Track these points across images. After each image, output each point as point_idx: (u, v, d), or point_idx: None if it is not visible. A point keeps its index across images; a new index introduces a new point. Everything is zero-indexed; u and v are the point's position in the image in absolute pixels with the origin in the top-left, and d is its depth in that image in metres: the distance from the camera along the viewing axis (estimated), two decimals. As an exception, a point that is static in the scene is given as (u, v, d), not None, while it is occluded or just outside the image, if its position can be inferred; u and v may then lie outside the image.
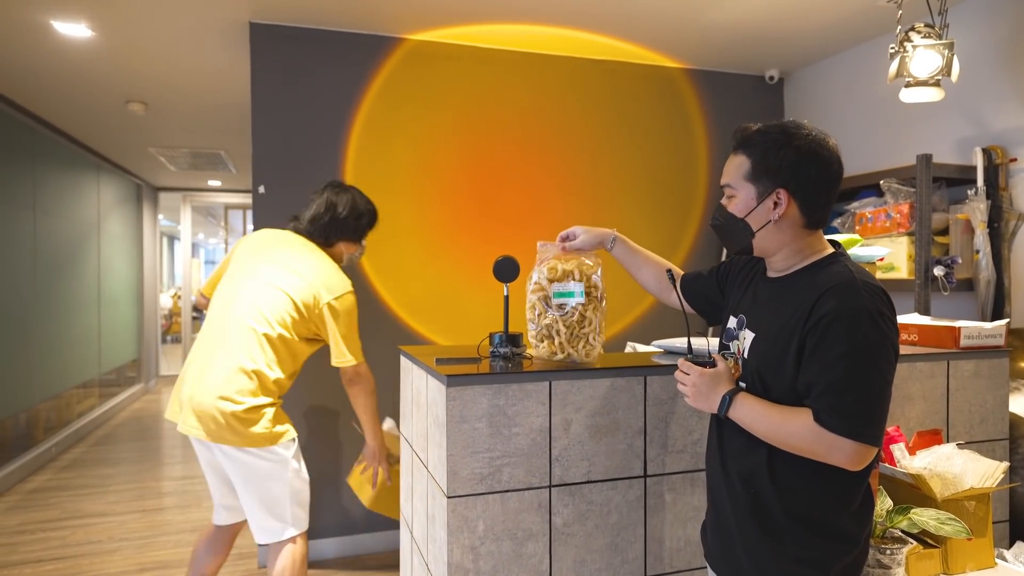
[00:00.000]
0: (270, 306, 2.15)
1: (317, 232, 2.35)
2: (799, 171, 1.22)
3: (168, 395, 7.62)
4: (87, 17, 2.99)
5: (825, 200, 1.25)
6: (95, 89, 4.10)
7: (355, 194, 2.43)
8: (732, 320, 1.38)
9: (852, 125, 3.47)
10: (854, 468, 1.14)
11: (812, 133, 1.24)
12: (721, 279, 1.52)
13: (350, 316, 2.26)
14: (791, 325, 1.19)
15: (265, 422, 2.10)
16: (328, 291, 2.23)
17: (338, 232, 2.37)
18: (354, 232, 2.41)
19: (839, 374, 1.12)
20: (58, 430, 5.19)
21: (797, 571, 1.21)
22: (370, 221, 2.46)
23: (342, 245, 2.41)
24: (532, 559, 1.55)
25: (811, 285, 1.20)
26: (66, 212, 5.41)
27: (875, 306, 1.14)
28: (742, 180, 1.28)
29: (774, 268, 1.33)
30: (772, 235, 1.26)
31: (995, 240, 2.70)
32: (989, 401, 2.02)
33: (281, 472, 2.14)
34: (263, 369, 2.11)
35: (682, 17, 3.04)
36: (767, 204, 1.24)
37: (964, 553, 1.65)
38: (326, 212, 2.34)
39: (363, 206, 2.42)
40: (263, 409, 2.11)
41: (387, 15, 3.00)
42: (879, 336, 1.13)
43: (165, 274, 12.28)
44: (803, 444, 1.16)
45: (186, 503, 3.94)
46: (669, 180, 3.67)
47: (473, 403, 1.50)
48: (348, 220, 2.37)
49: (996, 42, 2.77)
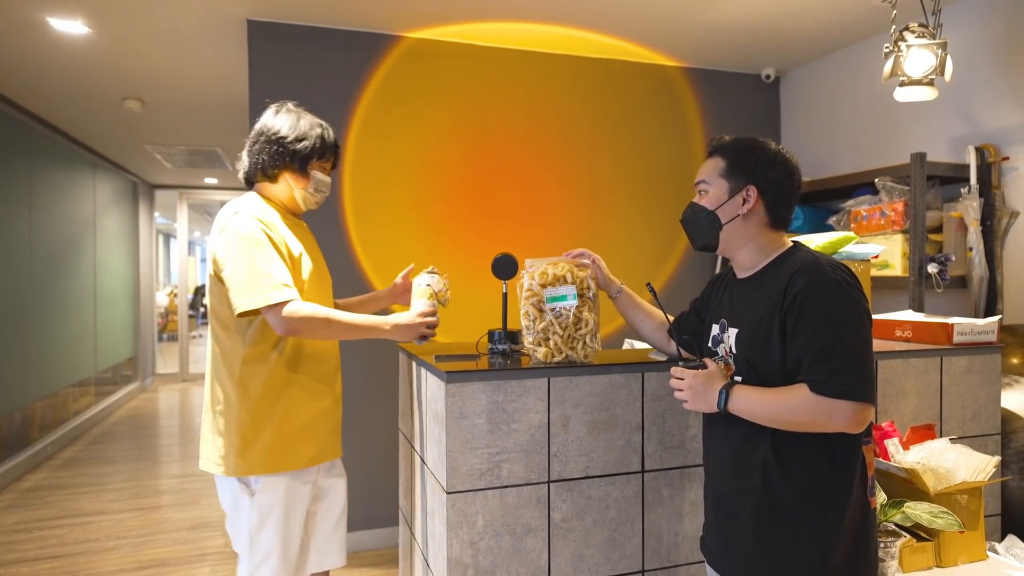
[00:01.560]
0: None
1: (253, 167, 1.78)
2: (769, 172, 1.34)
3: (166, 393, 7.61)
4: (84, 14, 2.98)
5: (788, 203, 1.37)
6: (91, 86, 4.09)
7: (301, 112, 1.81)
8: (715, 327, 1.43)
9: (847, 123, 3.49)
10: (856, 430, 1.21)
11: (780, 146, 1.39)
12: (700, 310, 1.57)
13: (242, 238, 1.63)
14: (769, 310, 1.27)
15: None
16: (216, 232, 1.70)
17: (277, 160, 1.74)
18: (293, 157, 1.74)
19: (824, 343, 1.19)
20: (54, 428, 5.18)
21: (807, 555, 1.24)
22: (323, 145, 1.79)
23: (287, 177, 1.77)
24: (531, 554, 1.56)
25: (780, 272, 1.30)
26: (62, 210, 5.40)
27: (840, 276, 1.24)
28: (717, 176, 1.38)
29: (742, 267, 1.40)
30: (738, 230, 1.36)
31: (988, 238, 2.73)
32: (981, 397, 2.04)
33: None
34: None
35: (679, 16, 3.05)
36: (737, 199, 1.35)
37: (956, 546, 1.67)
38: (259, 135, 1.77)
39: (309, 124, 1.78)
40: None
41: (385, 13, 3.01)
42: (850, 301, 1.22)
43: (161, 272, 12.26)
44: (805, 417, 1.21)
45: (183, 501, 3.94)
46: (666, 178, 3.69)
47: (472, 399, 1.52)
48: (287, 141, 1.73)
49: (989, 42, 2.79)
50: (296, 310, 1.60)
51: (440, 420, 1.55)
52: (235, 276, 1.61)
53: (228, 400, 1.69)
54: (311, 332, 1.65)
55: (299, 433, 1.73)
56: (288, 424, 1.71)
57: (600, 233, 3.58)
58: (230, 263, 1.62)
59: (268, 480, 1.69)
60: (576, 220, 3.55)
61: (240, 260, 1.61)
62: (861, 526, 1.28)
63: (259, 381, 1.68)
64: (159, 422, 6.18)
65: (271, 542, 1.70)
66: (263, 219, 1.68)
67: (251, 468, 1.68)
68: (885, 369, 1.91)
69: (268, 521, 1.70)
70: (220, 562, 3.11)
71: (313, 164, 1.78)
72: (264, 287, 1.59)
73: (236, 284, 1.60)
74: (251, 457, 1.67)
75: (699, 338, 1.53)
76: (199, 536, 3.41)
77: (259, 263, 1.61)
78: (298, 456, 1.72)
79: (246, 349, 1.68)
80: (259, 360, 1.69)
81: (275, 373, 1.70)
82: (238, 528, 1.73)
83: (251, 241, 1.63)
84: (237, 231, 1.64)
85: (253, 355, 1.68)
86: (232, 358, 1.69)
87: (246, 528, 1.70)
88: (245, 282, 1.59)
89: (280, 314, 1.59)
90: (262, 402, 1.68)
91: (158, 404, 7.04)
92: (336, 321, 1.66)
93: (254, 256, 1.61)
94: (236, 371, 1.68)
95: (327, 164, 1.84)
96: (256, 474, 1.69)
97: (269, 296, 1.58)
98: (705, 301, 1.55)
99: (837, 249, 2.03)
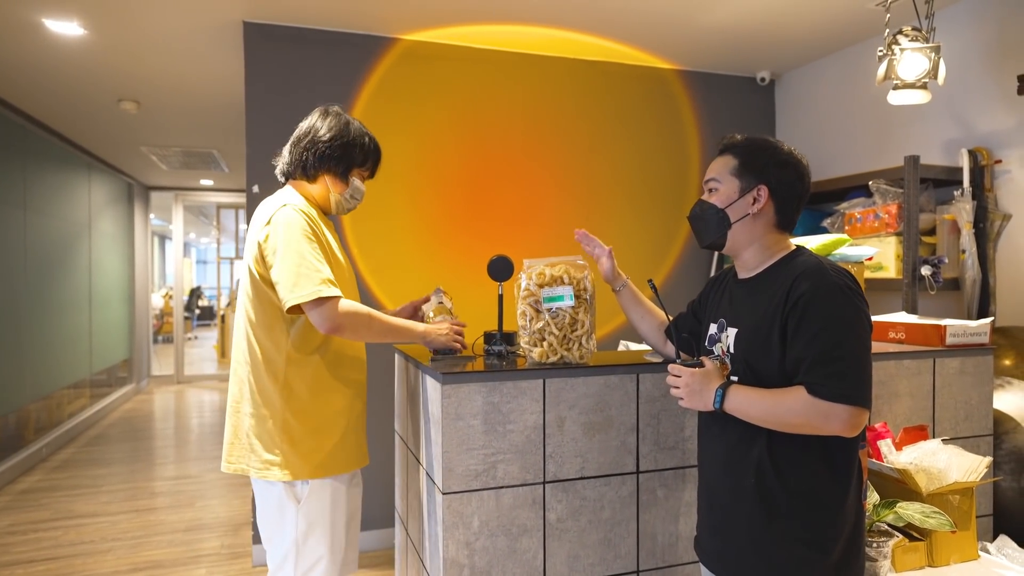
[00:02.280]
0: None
1: (294, 164, 1.77)
2: (781, 173, 1.34)
3: (162, 395, 7.59)
4: (79, 15, 2.98)
5: (796, 205, 1.37)
6: (87, 87, 4.09)
7: (350, 119, 1.82)
8: (712, 326, 1.44)
9: (841, 126, 3.51)
10: (851, 434, 1.21)
11: (791, 147, 1.39)
12: (697, 311, 1.58)
13: (291, 231, 1.61)
14: (771, 311, 1.27)
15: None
16: (261, 225, 1.67)
17: (320, 162, 1.75)
18: (338, 162, 1.75)
19: (824, 346, 1.20)
20: (49, 431, 5.16)
21: (803, 553, 1.25)
22: (365, 153, 1.81)
23: (327, 179, 1.77)
24: (526, 554, 1.57)
25: (783, 274, 1.31)
26: (57, 211, 5.39)
27: (844, 282, 1.24)
28: (728, 175, 1.37)
29: (745, 267, 1.40)
30: (747, 229, 1.36)
31: (981, 240, 2.75)
32: (974, 398, 2.06)
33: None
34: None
35: (675, 19, 3.07)
36: (747, 199, 1.35)
37: (948, 546, 1.68)
38: (307, 135, 1.77)
39: (357, 132, 1.80)
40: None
41: (381, 15, 3.02)
42: (853, 307, 1.23)
43: (157, 274, 12.22)
44: (800, 419, 1.21)
45: (179, 503, 3.93)
46: (662, 180, 3.70)
47: (468, 400, 1.52)
48: (334, 145, 1.74)
49: (982, 45, 2.81)
50: (343, 306, 1.60)
51: (436, 421, 1.56)
52: (285, 270, 1.58)
53: (270, 402, 1.66)
54: (354, 330, 1.62)
55: (345, 437, 1.72)
56: (336, 428, 1.71)
57: (596, 234, 3.50)
58: (280, 256, 1.59)
59: (317, 484, 1.67)
60: (573, 222, 3.55)
61: (290, 253, 1.59)
62: (855, 527, 1.29)
63: (304, 383, 1.67)
64: (154, 424, 6.16)
65: (321, 548, 1.68)
66: (308, 214, 1.67)
67: (299, 472, 1.65)
68: (878, 370, 1.92)
69: (316, 527, 1.67)
70: (215, 564, 3.11)
71: (354, 171, 1.80)
72: (315, 280, 1.57)
73: (286, 278, 1.57)
74: (300, 461, 1.65)
75: (696, 339, 1.53)
76: (194, 538, 3.40)
77: (308, 257, 1.59)
78: (347, 460, 1.73)
79: (290, 350, 1.66)
80: (303, 362, 1.67)
81: (319, 375, 1.69)
82: (282, 534, 1.68)
83: (301, 235, 1.61)
84: (288, 223, 1.62)
85: (297, 356, 1.66)
86: (274, 359, 1.66)
87: (292, 535, 1.67)
88: (295, 275, 1.57)
89: (329, 309, 1.57)
90: (308, 405, 1.67)
91: (153, 406, 7.02)
92: (378, 319, 1.66)
93: (303, 250, 1.60)
94: (280, 372, 1.65)
95: (366, 172, 1.85)
96: (305, 478, 1.66)
97: (319, 290, 1.56)
98: (703, 302, 1.55)
99: (831, 251, 2.05)
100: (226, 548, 3.28)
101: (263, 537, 1.74)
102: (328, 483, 1.69)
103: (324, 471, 1.68)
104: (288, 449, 1.65)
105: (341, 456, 1.72)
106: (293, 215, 1.63)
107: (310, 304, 1.57)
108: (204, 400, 7.37)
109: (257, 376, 1.68)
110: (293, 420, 1.66)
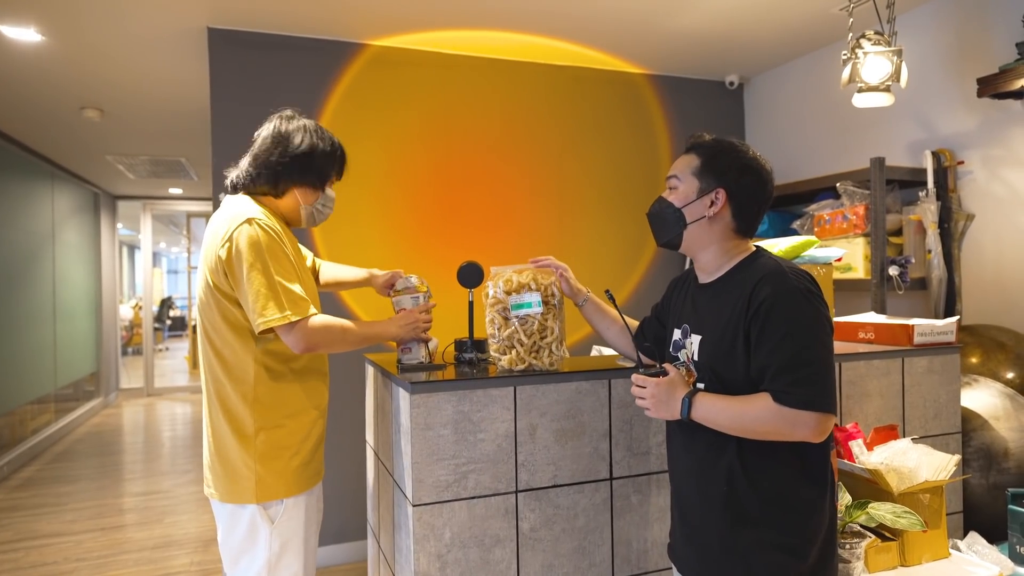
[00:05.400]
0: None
1: (263, 178, 1.63)
2: (741, 177, 1.33)
3: (131, 408, 7.42)
4: (36, 21, 2.90)
5: (756, 211, 1.35)
6: (47, 95, 3.98)
7: (317, 125, 1.71)
8: (676, 332, 1.42)
9: (809, 128, 3.55)
10: (818, 439, 1.21)
11: (757, 153, 1.37)
12: (661, 315, 1.56)
13: (256, 250, 1.51)
14: (734, 317, 1.27)
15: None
16: (220, 238, 1.56)
17: (291, 174, 1.63)
18: (312, 172, 1.66)
19: (787, 353, 1.19)
20: (11, 448, 5.00)
21: (778, 559, 1.24)
22: (341, 162, 1.73)
23: (296, 193, 1.67)
24: (499, 565, 1.54)
25: (744, 278, 1.29)
26: (19, 222, 5.24)
27: (804, 286, 1.24)
28: (689, 174, 1.36)
29: (704, 271, 1.39)
30: (703, 231, 1.34)
31: (946, 240, 2.79)
32: (942, 396, 2.08)
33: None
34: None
35: (644, 24, 3.08)
36: (704, 200, 1.33)
37: (920, 545, 1.69)
38: (275, 147, 1.63)
39: (329, 140, 1.70)
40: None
41: (348, 21, 2.98)
42: (814, 311, 1.22)
43: (126, 284, 11.97)
44: (767, 427, 1.20)
45: (148, 520, 3.83)
46: (634, 183, 3.71)
47: (438, 410, 1.50)
48: (307, 157, 1.64)
49: (942, 49, 2.87)
50: (315, 322, 1.54)
51: (405, 431, 1.53)
52: (253, 292, 1.50)
53: (239, 425, 1.58)
54: (329, 345, 1.57)
55: (314, 450, 1.67)
56: (307, 443, 1.65)
57: (569, 238, 3.58)
58: (246, 279, 1.50)
59: (291, 503, 1.62)
60: (545, 226, 3.55)
61: (255, 275, 1.50)
62: (829, 530, 1.29)
63: (276, 402, 1.60)
64: (123, 438, 6.01)
65: (295, 566, 1.62)
66: (272, 228, 1.57)
67: (274, 492, 1.59)
68: (848, 371, 1.94)
69: (291, 546, 1.62)
70: (185, 582, 3.03)
71: (330, 180, 1.73)
72: (283, 303, 1.50)
73: (254, 300, 1.49)
74: (274, 481, 1.59)
75: (661, 344, 1.52)
76: (163, 556, 3.31)
77: (276, 277, 1.51)
78: (316, 473, 1.69)
79: (260, 370, 1.58)
80: (275, 380, 1.60)
81: (290, 392, 1.63)
82: (251, 557, 1.60)
83: (267, 254, 1.52)
84: (251, 243, 1.52)
85: (268, 375, 1.59)
86: (243, 380, 1.58)
87: (264, 556, 1.59)
88: (264, 298, 1.49)
89: (301, 330, 1.51)
90: (282, 423, 1.61)
91: (122, 420, 6.85)
92: (351, 330, 1.61)
93: (270, 269, 1.51)
94: (249, 393, 1.58)
95: (336, 178, 1.76)
96: (281, 498, 1.60)
97: (287, 315, 1.49)
98: (666, 305, 1.54)
99: (800, 253, 2.06)
100: (196, 565, 3.20)
101: (227, 561, 1.65)
102: (302, 499, 1.64)
103: (298, 488, 1.63)
104: (261, 470, 1.58)
105: (312, 470, 1.67)
106: (257, 232, 1.53)
107: (282, 328, 1.52)
108: (176, 412, 7.22)
109: (222, 396, 1.60)
110: (267, 440, 1.59)
